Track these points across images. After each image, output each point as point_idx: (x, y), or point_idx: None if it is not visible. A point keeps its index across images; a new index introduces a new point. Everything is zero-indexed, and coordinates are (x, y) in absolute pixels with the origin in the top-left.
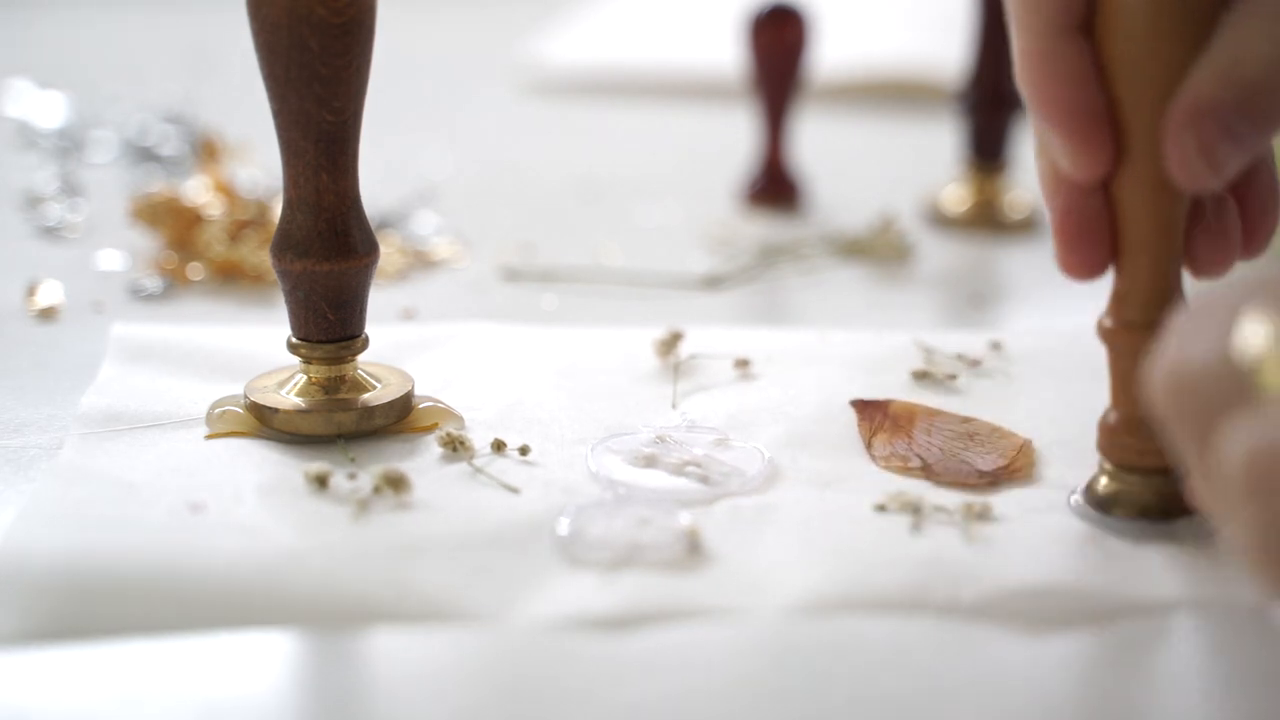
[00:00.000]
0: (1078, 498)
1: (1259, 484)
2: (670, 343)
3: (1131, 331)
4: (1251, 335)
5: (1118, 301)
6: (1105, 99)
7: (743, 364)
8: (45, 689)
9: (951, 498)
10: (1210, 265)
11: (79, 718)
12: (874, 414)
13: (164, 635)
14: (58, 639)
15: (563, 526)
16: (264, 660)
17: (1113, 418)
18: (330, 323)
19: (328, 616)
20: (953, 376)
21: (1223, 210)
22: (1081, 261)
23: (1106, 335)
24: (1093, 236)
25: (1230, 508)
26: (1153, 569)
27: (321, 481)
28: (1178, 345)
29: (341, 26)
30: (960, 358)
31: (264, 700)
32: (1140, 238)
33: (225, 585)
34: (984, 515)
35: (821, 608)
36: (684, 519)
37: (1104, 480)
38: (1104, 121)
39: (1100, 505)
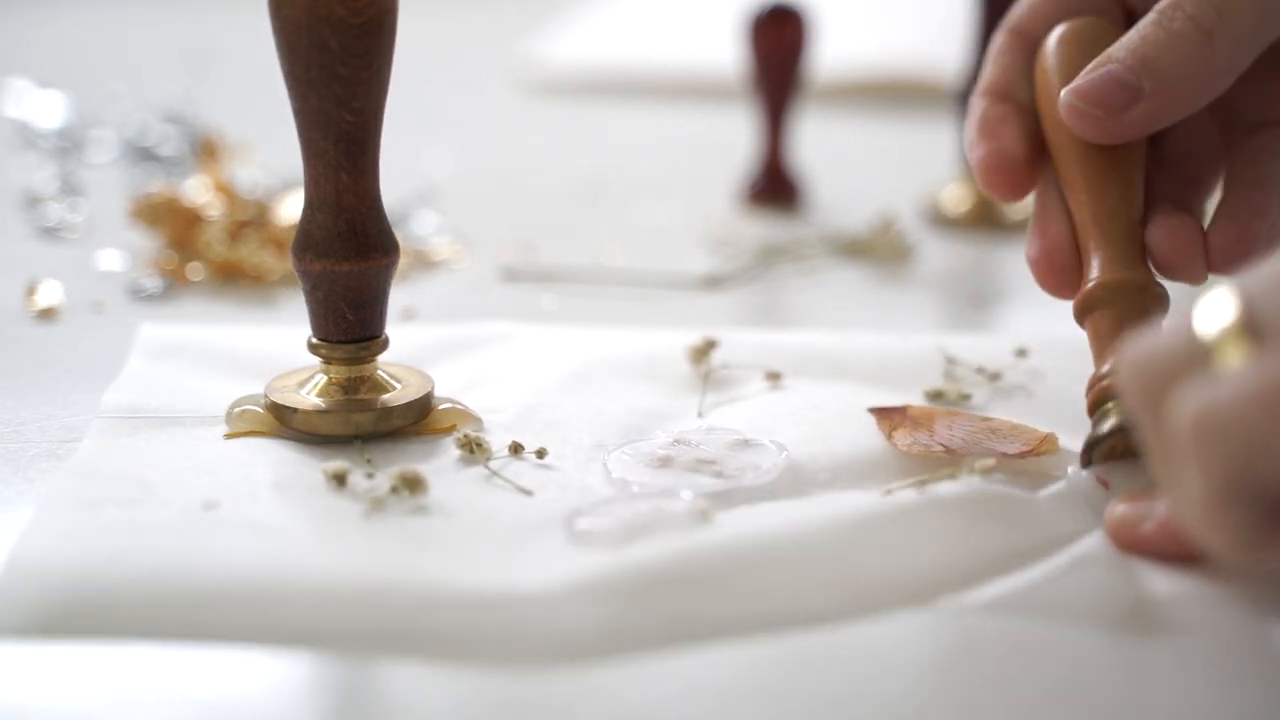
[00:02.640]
0: (1074, 467)
1: (1204, 442)
2: (704, 350)
3: (1099, 289)
4: (1213, 310)
5: (1084, 267)
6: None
7: (774, 376)
8: (54, 687)
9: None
10: (1173, 263)
11: (83, 717)
12: (892, 415)
13: (177, 634)
14: (73, 637)
15: (576, 521)
16: (271, 659)
17: (1102, 369)
18: (350, 323)
19: (341, 615)
20: (966, 396)
21: (1181, 220)
22: (1003, 181)
23: (1080, 299)
24: (1053, 237)
25: (1178, 468)
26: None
27: (340, 480)
28: (1149, 331)
29: (361, 27)
30: (980, 371)
31: (271, 700)
32: (1096, 225)
33: (238, 584)
34: (988, 472)
35: (835, 604)
36: (697, 501)
37: (1104, 425)
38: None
39: (1105, 454)
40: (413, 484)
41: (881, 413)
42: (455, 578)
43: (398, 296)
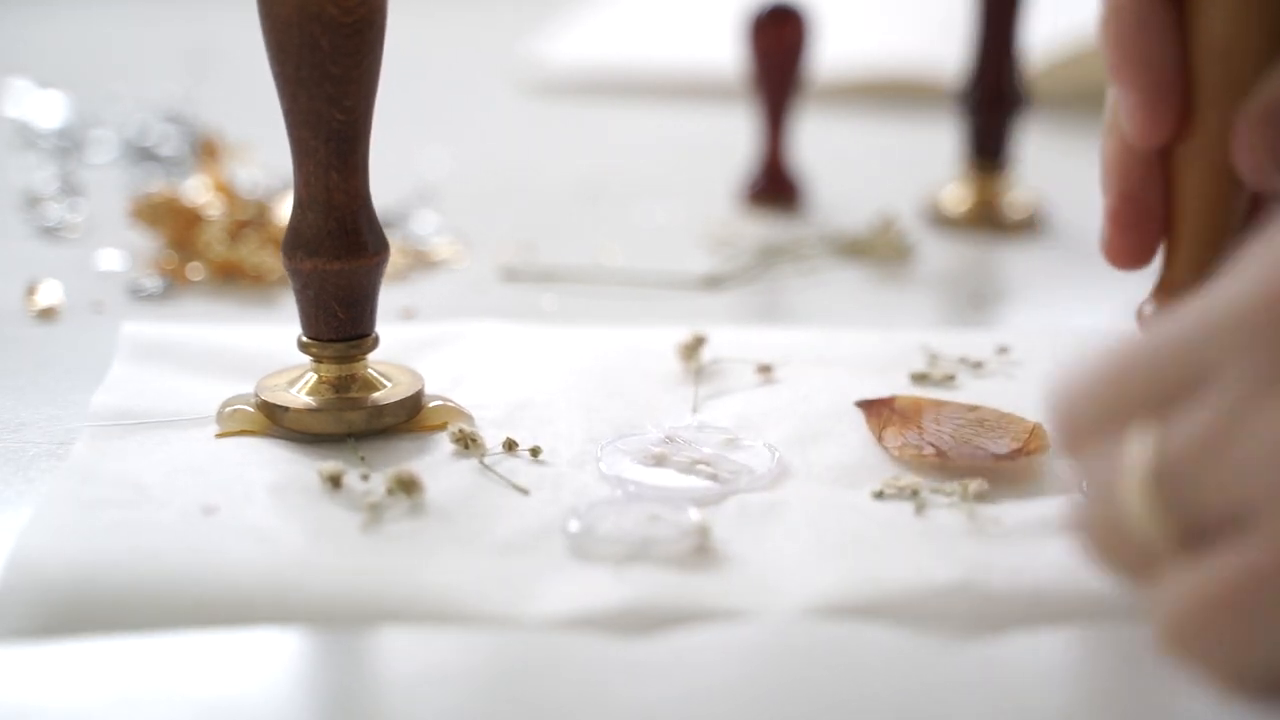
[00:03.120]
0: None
1: (1185, 652)
2: (693, 346)
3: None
4: (1130, 462)
5: (1163, 290)
6: (1181, 69)
7: (765, 369)
8: (54, 687)
9: (950, 484)
10: None
11: (83, 717)
12: (880, 410)
13: (176, 635)
14: (73, 637)
15: (573, 525)
16: (270, 659)
17: None
18: (340, 321)
19: (340, 618)
20: (950, 377)
21: None
22: (1130, 249)
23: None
24: (1146, 224)
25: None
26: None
27: (335, 481)
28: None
29: (352, 26)
30: (963, 360)
31: (271, 700)
32: (1194, 225)
33: (238, 588)
34: (981, 495)
35: (831, 606)
36: (694, 514)
37: None
38: (1174, 86)
39: None
40: (409, 486)
41: (869, 407)
42: (458, 595)
43: (398, 296)
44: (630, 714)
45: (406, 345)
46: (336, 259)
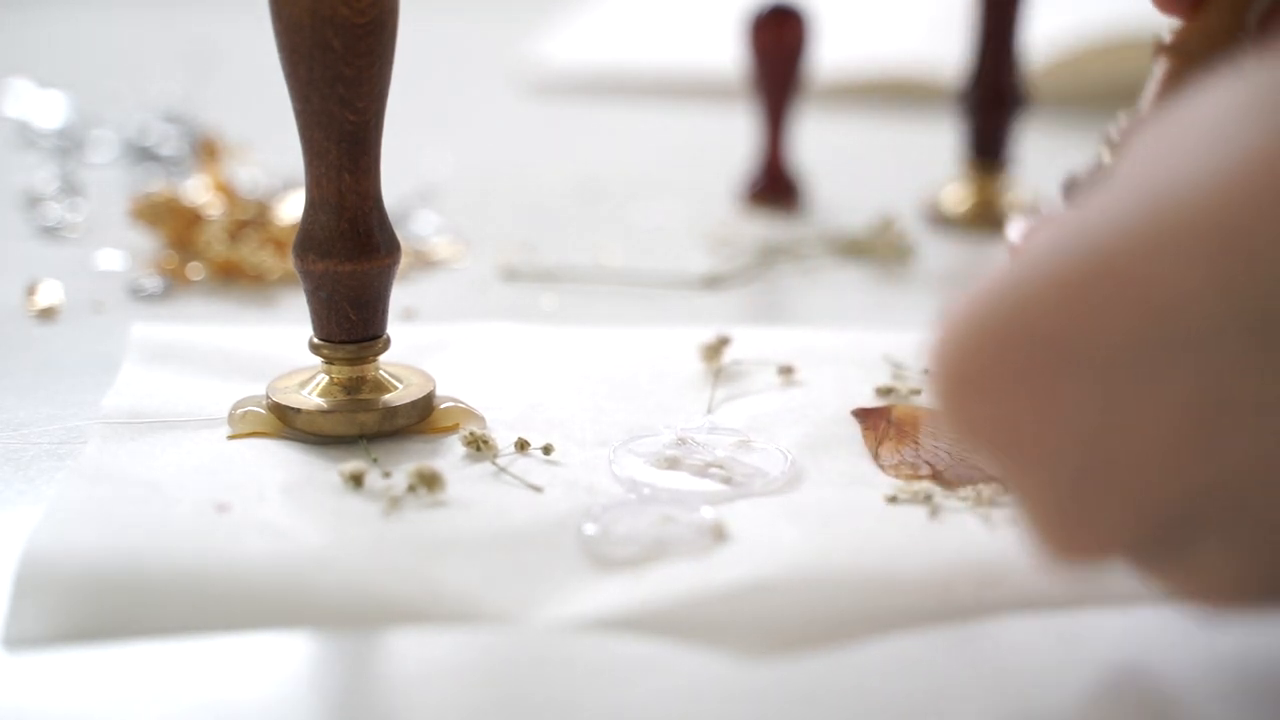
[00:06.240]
0: None
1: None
2: (717, 347)
3: (1178, 56)
4: None
5: (1174, 50)
6: None
7: (787, 370)
8: (73, 689)
9: (963, 489)
10: None
11: (98, 717)
12: (877, 422)
13: (192, 635)
14: (87, 640)
15: (588, 528)
16: (274, 662)
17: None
18: (352, 323)
19: (354, 616)
20: (916, 391)
21: None
22: None
23: (1159, 49)
24: None
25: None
26: None
27: (357, 480)
28: None
29: (364, 27)
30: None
31: (278, 701)
32: None
33: (252, 585)
34: (995, 501)
35: (846, 600)
36: (708, 513)
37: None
38: None
39: None
40: (430, 481)
41: (865, 416)
42: (474, 596)
43: (398, 296)
44: (632, 713)
45: (415, 346)
46: (349, 260)
